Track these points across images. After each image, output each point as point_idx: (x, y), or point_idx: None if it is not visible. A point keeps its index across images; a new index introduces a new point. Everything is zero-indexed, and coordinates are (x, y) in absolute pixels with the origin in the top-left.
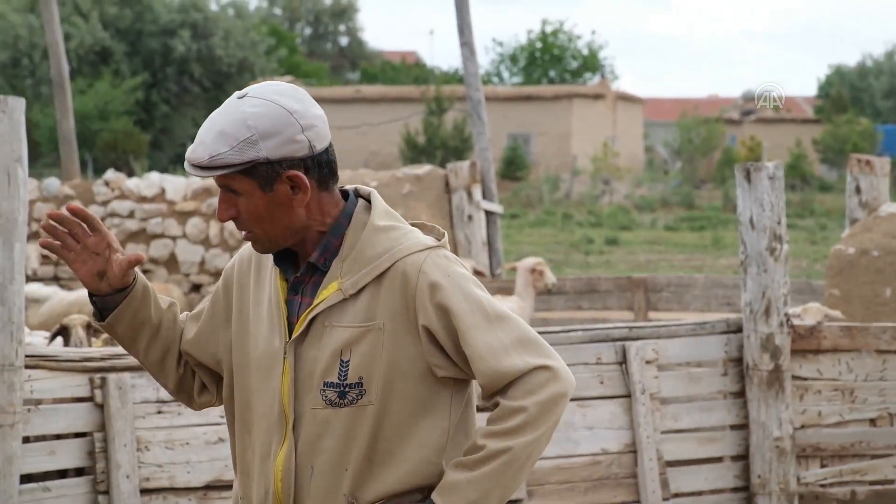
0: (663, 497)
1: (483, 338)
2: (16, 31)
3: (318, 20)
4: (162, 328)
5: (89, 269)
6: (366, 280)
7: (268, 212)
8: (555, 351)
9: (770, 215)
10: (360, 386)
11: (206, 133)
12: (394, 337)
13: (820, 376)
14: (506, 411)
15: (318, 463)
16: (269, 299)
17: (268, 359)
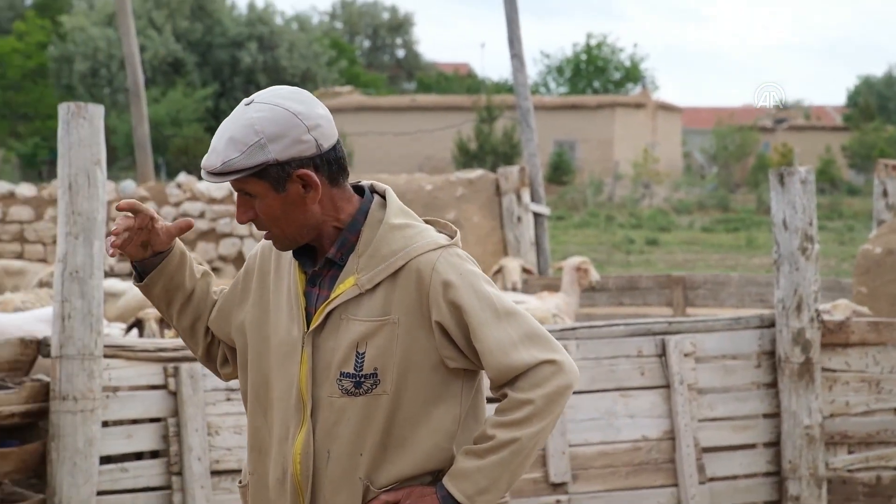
0: (699, 481)
1: (493, 333)
2: (95, 43)
3: (377, 33)
4: (195, 295)
5: (135, 243)
6: (382, 276)
7: (283, 211)
8: (560, 345)
9: (802, 217)
10: (375, 376)
11: (217, 141)
12: (408, 331)
13: (848, 368)
14: (514, 403)
15: (334, 448)
16: (287, 289)
17: (287, 346)
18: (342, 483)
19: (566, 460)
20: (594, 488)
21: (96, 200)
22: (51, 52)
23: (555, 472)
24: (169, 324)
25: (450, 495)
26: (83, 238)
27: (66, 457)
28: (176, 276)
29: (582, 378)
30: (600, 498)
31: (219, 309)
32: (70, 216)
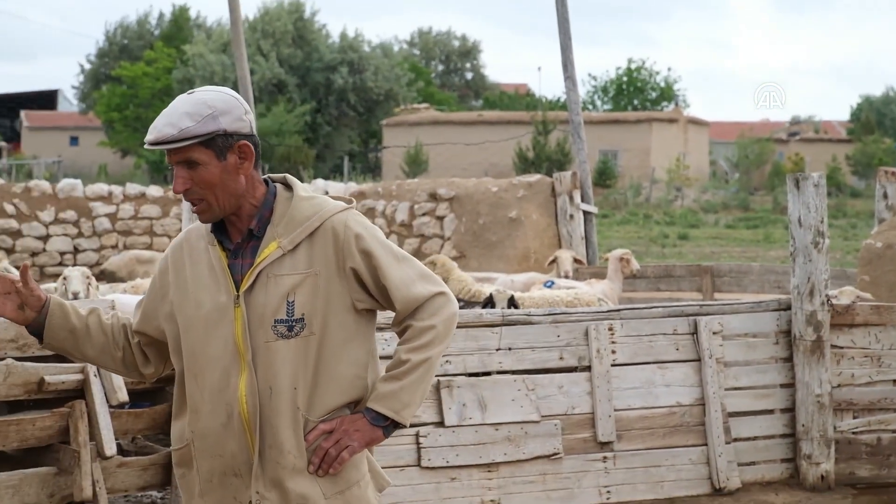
0: (726, 441)
1: (396, 273)
2: (212, 67)
3: (449, 58)
4: (90, 329)
5: (10, 308)
6: (301, 237)
7: (220, 178)
8: (442, 281)
9: (814, 216)
10: (303, 321)
11: (169, 117)
12: (327, 280)
13: (853, 345)
14: (419, 330)
15: (275, 384)
16: (209, 268)
17: (216, 312)
18: (286, 414)
19: (612, 423)
20: (635, 447)
21: None
22: (175, 75)
23: (602, 433)
24: (82, 360)
25: (380, 415)
26: None
27: None
28: (65, 322)
29: (624, 352)
30: (640, 455)
31: (143, 313)
32: (192, 214)
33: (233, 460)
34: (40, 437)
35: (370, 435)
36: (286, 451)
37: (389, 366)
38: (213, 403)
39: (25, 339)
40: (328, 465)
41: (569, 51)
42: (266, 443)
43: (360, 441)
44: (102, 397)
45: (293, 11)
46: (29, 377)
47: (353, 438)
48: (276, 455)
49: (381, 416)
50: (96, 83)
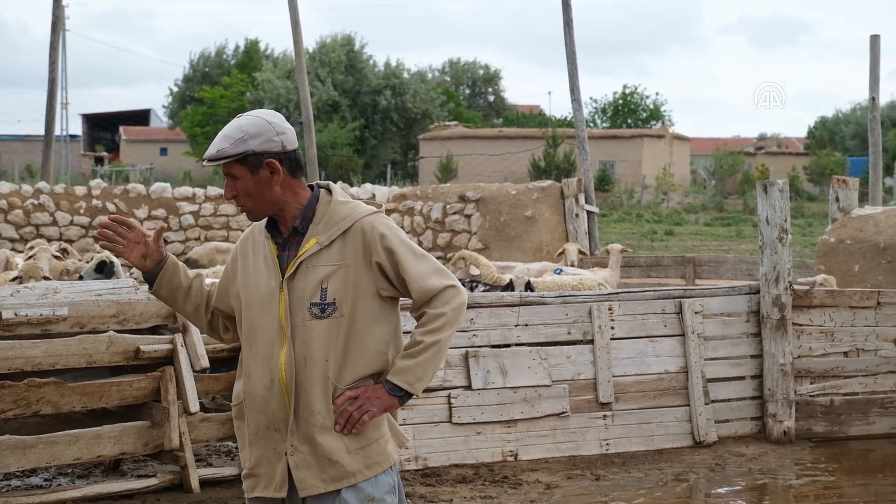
0: (705, 402)
1: (414, 267)
2: (278, 91)
3: (475, 84)
4: (192, 289)
5: (136, 255)
6: (336, 234)
7: (255, 189)
8: (455, 276)
9: (779, 216)
10: (334, 304)
11: (217, 138)
12: (356, 271)
13: (811, 323)
14: (432, 316)
15: (309, 356)
16: (263, 257)
17: (268, 294)
18: (318, 382)
19: (611, 387)
20: (630, 407)
21: None
22: (247, 97)
23: (603, 395)
24: (178, 312)
25: (396, 386)
26: None
27: None
28: (174, 279)
29: (621, 328)
30: (635, 414)
31: (218, 293)
32: None
33: (273, 417)
34: (137, 396)
35: (388, 402)
36: (316, 412)
37: (406, 345)
38: (261, 369)
39: (125, 315)
40: (351, 425)
41: (575, 78)
42: (300, 404)
43: (379, 407)
44: (188, 364)
45: (345, 44)
46: (127, 346)
47: (374, 405)
48: (308, 415)
49: (397, 388)
50: (182, 103)
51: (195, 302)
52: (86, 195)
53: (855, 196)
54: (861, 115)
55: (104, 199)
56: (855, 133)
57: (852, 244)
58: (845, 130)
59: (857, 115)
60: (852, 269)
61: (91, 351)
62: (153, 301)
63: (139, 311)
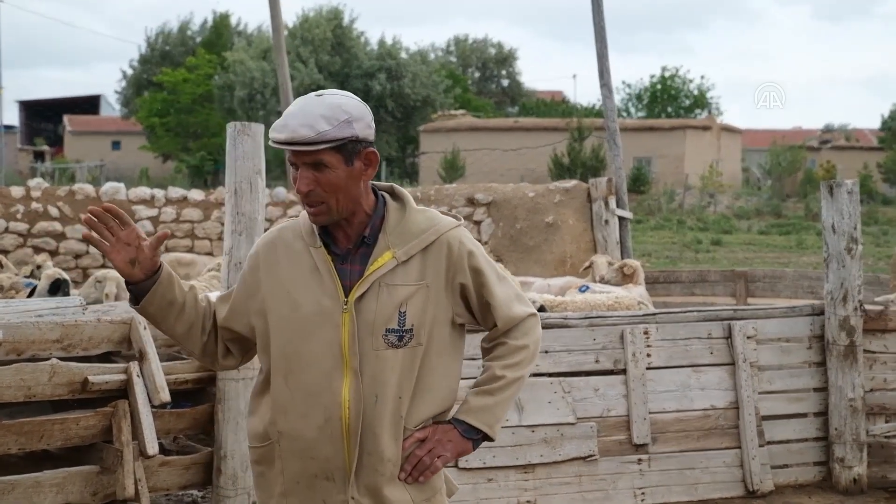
0: (759, 444)
1: (500, 291)
2: (252, 73)
3: (485, 66)
4: (186, 306)
5: (123, 258)
6: (416, 249)
7: (345, 183)
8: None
9: (848, 222)
10: (412, 332)
11: (304, 118)
12: (436, 293)
13: (886, 350)
14: (513, 348)
15: (381, 392)
16: (311, 270)
17: (318, 316)
18: (388, 423)
19: (647, 425)
20: (670, 449)
21: (257, 203)
22: (216, 82)
23: (637, 435)
24: (166, 333)
25: (472, 427)
26: (246, 235)
27: (231, 417)
28: (167, 294)
29: (660, 356)
30: (675, 458)
31: (231, 309)
32: (235, 216)
33: (327, 464)
34: (84, 436)
35: (462, 446)
36: (386, 460)
37: (482, 380)
38: (307, 406)
39: (70, 340)
40: (419, 472)
41: (605, 59)
42: (365, 449)
43: (453, 452)
44: (145, 397)
45: (332, 19)
46: (73, 377)
47: (446, 448)
48: (376, 462)
49: (473, 430)
50: (138, 89)
51: (188, 321)
52: (23, 197)
53: None
54: None
55: (45, 202)
56: None
57: None
58: None
59: None
60: None
61: (30, 382)
62: (104, 324)
63: (87, 334)
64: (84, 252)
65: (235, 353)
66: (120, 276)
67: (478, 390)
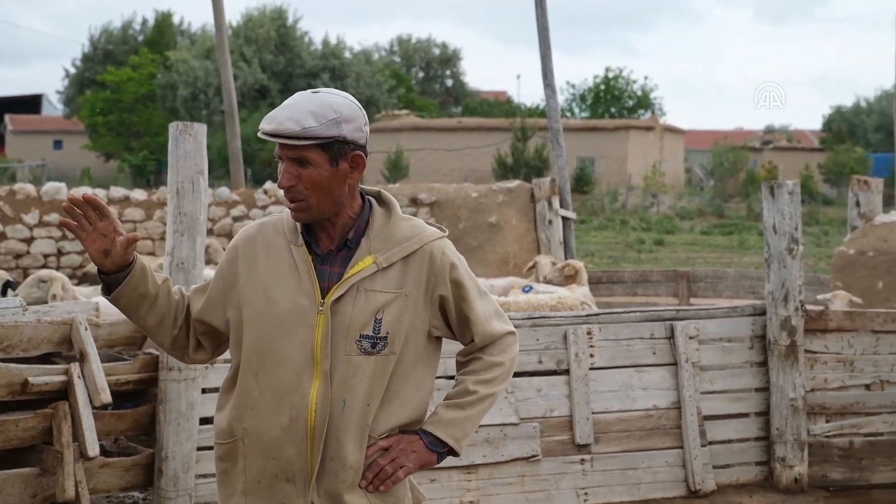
0: (701, 444)
1: (480, 306)
2: (195, 73)
3: (429, 66)
4: (159, 299)
5: (98, 248)
6: (398, 257)
7: (328, 183)
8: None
9: (789, 223)
10: (386, 339)
11: (293, 111)
12: (414, 303)
13: (826, 350)
14: (488, 364)
15: (349, 398)
16: (289, 268)
17: (293, 314)
18: (354, 429)
19: (590, 425)
20: (613, 449)
21: (199, 203)
22: (158, 80)
23: (580, 436)
24: (136, 324)
25: (438, 440)
26: (188, 235)
27: (172, 418)
28: (140, 286)
29: (602, 356)
30: (618, 458)
31: (206, 301)
32: (177, 217)
33: (288, 465)
34: (23, 437)
35: (426, 458)
36: (348, 466)
37: (453, 393)
38: (275, 404)
39: (9, 341)
40: (381, 481)
41: (548, 59)
42: (328, 454)
43: (416, 462)
44: (86, 398)
45: (276, 18)
46: (12, 378)
47: (409, 459)
48: (338, 468)
49: (439, 442)
50: (80, 88)
51: (160, 313)
52: None
53: (879, 199)
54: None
55: None
56: (879, 125)
57: (875, 256)
58: (867, 122)
59: (881, 103)
60: (875, 286)
61: None
62: (44, 324)
63: (27, 335)
64: (25, 252)
65: (207, 347)
66: (64, 277)
67: (448, 403)
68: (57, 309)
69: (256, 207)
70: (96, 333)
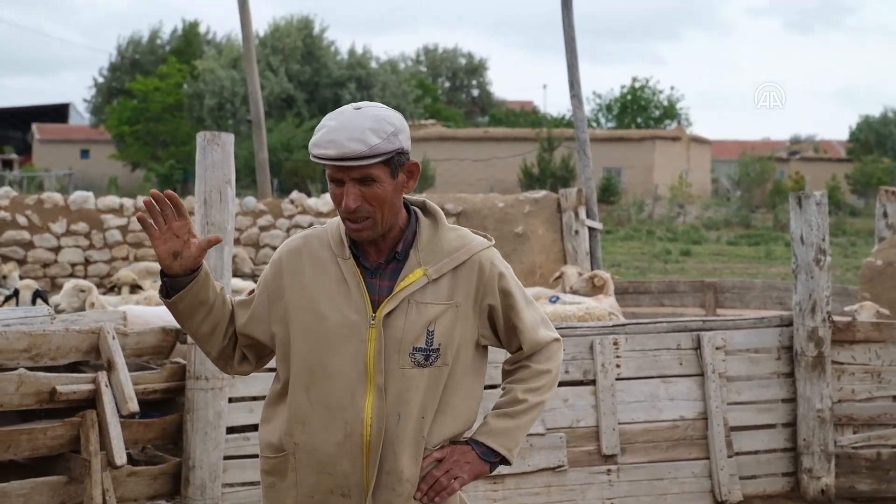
0: (728, 455)
1: (527, 315)
2: (222, 82)
3: (455, 75)
4: (215, 307)
5: (168, 248)
6: (447, 268)
7: (391, 197)
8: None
9: (816, 233)
10: (438, 351)
11: (351, 132)
12: (465, 313)
13: (854, 361)
14: (536, 372)
15: (404, 411)
16: (338, 281)
17: (344, 329)
18: (410, 442)
19: (616, 436)
20: (639, 460)
21: (227, 213)
22: (185, 90)
23: (606, 446)
24: (187, 330)
25: (491, 450)
26: None
27: (199, 427)
28: (201, 293)
29: (629, 366)
30: (644, 468)
31: (251, 315)
32: (205, 226)
33: (344, 480)
34: (51, 446)
35: (479, 468)
36: (404, 480)
37: (503, 402)
38: (328, 419)
39: (38, 349)
40: (436, 493)
41: (575, 69)
42: (384, 468)
43: (470, 473)
44: (113, 407)
45: (302, 28)
46: (41, 387)
47: (464, 470)
48: (394, 482)
49: (492, 452)
50: (108, 97)
51: (214, 322)
52: None
53: None
54: None
55: (13, 211)
56: None
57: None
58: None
59: None
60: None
61: None
62: (72, 333)
63: (55, 344)
64: (52, 261)
65: (251, 359)
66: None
67: (499, 412)
68: (85, 318)
69: (283, 217)
70: (124, 342)
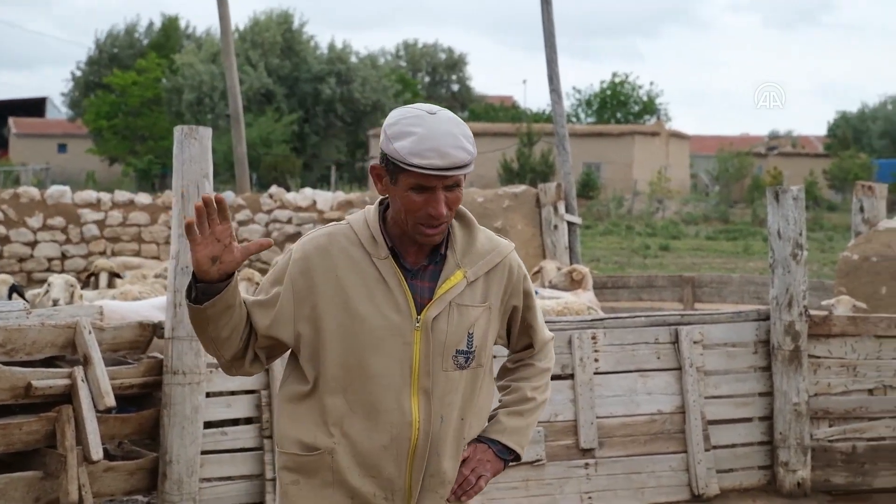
0: (705, 448)
1: (538, 315)
2: (200, 77)
3: (435, 70)
4: (235, 311)
5: (208, 253)
6: (483, 270)
7: (461, 200)
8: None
9: (793, 228)
10: (474, 353)
11: (452, 139)
12: (494, 314)
13: (830, 355)
14: (540, 371)
15: (446, 413)
16: (377, 281)
17: (387, 331)
18: (451, 444)
19: (594, 430)
20: (617, 453)
21: None
22: (164, 84)
23: (584, 440)
24: (205, 334)
25: (507, 448)
26: None
27: (176, 422)
28: (230, 299)
29: (607, 360)
30: (622, 462)
31: (275, 317)
32: (182, 220)
33: (388, 483)
34: (27, 441)
35: (497, 466)
36: (447, 482)
37: (511, 401)
38: (371, 421)
39: (14, 344)
40: (463, 492)
41: (554, 64)
42: (428, 471)
43: (491, 471)
44: (90, 402)
45: (282, 22)
46: (16, 381)
47: (486, 468)
48: (437, 484)
49: (507, 450)
50: (86, 91)
51: (234, 325)
52: None
53: (883, 205)
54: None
55: None
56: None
57: (879, 262)
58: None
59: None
60: (879, 292)
61: None
62: (47, 328)
63: (31, 339)
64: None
65: (263, 360)
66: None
67: (510, 411)
68: (61, 312)
69: (262, 212)
70: (100, 337)
